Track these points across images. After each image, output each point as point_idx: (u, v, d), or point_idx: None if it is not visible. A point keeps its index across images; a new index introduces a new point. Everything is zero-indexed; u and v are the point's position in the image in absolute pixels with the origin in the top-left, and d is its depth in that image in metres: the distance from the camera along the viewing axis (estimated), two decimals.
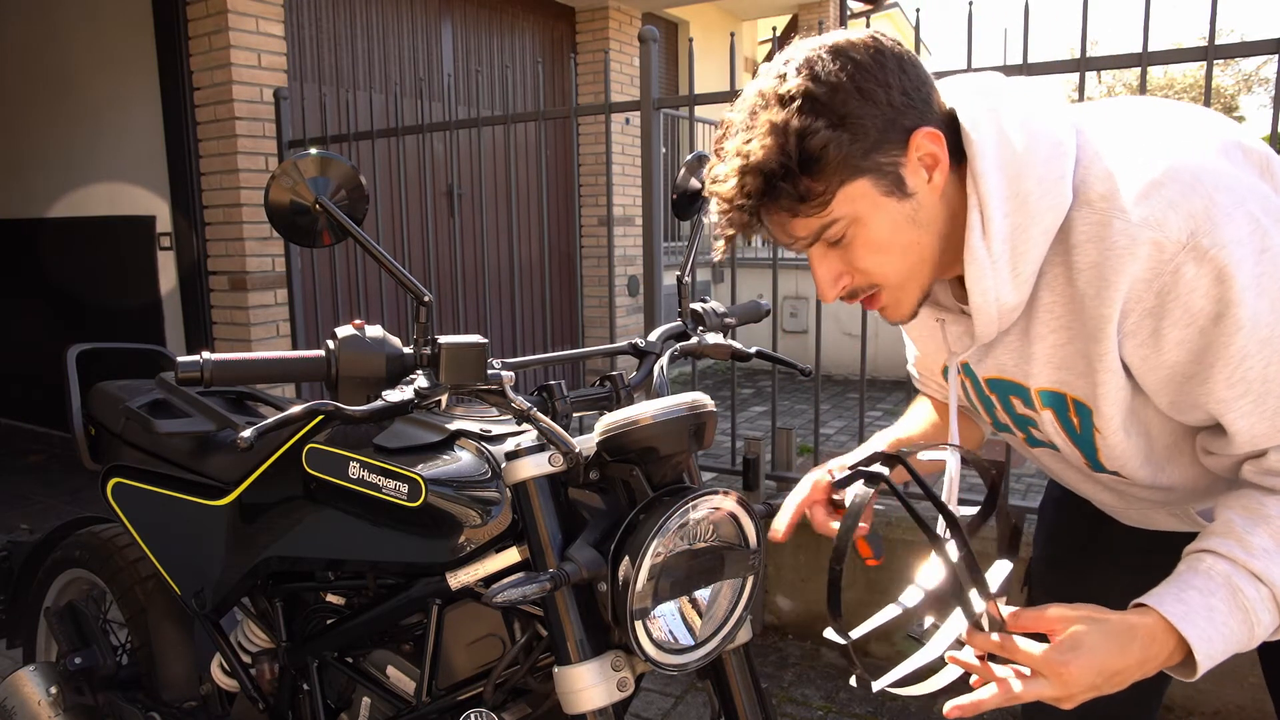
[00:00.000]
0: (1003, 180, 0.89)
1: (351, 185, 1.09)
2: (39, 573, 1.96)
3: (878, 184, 0.88)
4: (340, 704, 1.38)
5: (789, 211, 0.88)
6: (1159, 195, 0.83)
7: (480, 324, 3.65)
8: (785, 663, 2.67)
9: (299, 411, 0.98)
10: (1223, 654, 0.83)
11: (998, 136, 0.89)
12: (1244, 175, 0.85)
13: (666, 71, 7.76)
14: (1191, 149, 0.86)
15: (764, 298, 1.65)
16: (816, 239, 0.91)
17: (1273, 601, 0.83)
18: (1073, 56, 2.36)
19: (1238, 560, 0.84)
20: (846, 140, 0.84)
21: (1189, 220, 0.81)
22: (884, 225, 0.89)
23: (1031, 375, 1.00)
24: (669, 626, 1.02)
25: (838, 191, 0.86)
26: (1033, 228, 0.88)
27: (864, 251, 0.91)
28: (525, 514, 1.03)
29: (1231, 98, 23.60)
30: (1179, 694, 2.28)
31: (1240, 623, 0.83)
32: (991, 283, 0.91)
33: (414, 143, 4.09)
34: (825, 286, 0.95)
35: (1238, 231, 0.80)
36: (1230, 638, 0.83)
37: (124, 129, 4.55)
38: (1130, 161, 0.86)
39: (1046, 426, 1.04)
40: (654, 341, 1.36)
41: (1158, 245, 0.82)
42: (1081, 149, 0.90)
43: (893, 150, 0.87)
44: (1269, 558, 0.83)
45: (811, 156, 0.84)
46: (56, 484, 4.54)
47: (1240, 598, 0.83)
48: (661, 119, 3.08)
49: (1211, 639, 0.82)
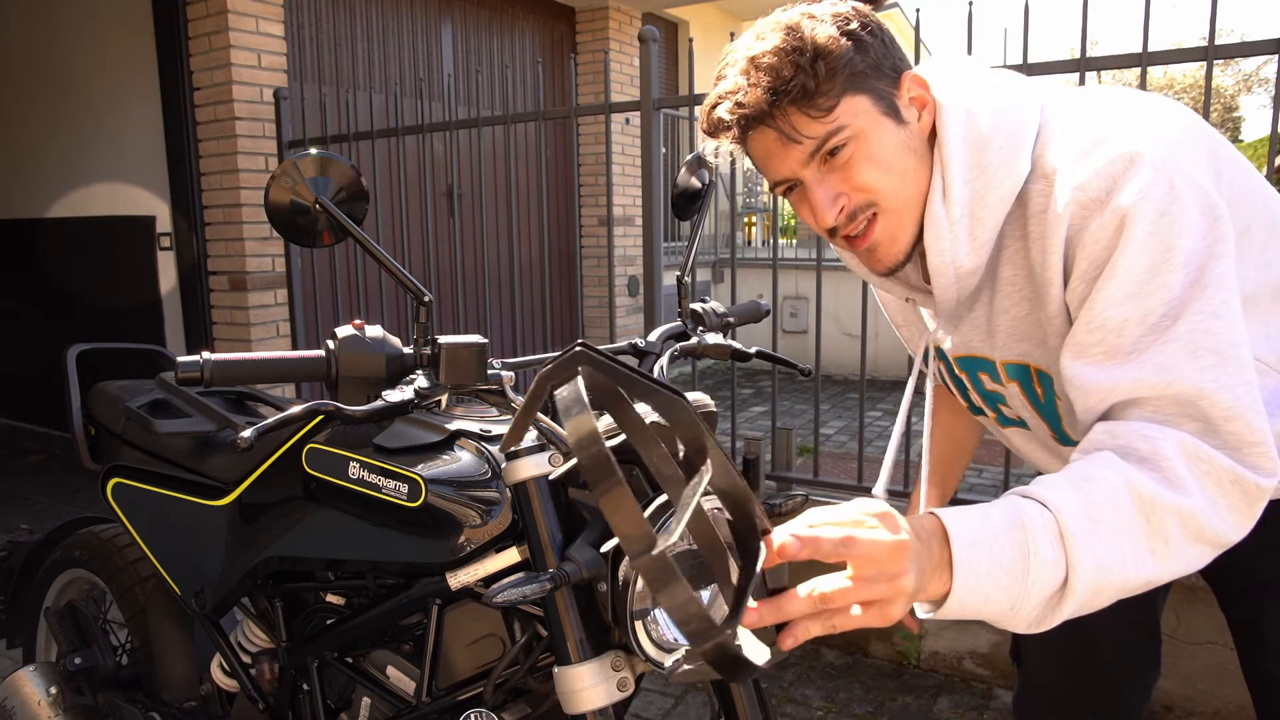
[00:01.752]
0: (966, 151, 0.93)
1: (351, 185, 1.09)
2: (39, 573, 1.96)
3: (877, 103, 0.92)
4: (340, 704, 1.38)
5: (798, 103, 0.90)
6: (1086, 162, 0.86)
7: (480, 324, 3.65)
8: (785, 663, 2.67)
9: (299, 411, 0.98)
10: (987, 570, 0.72)
11: (966, 114, 0.94)
12: (1183, 153, 0.85)
13: (666, 71, 7.76)
14: (1138, 123, 0.88)
15: (764, 298, 1.65)
16: (819, 148, 0.92)
17: (1056, 532, 0.74)
18: (1073, 56, 2.36)
19: (1026, 492, 0.78)
20: (851, 49, 0.90)
21: (1108, 180, 0.84)
22: (885, 142, 0.93)
23: (997, 348, 1.03)
24: (669, 626, 1.02)
25: (842, 98, 0.90)
26: (990, 194, 0.93)
27: (865, 165, 0.93)
28: (525, 514, 1.03)
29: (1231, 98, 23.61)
30: (1179, 694, 2.28)
31: (1015, 545, 0.73)
32: (949, 244, 0.95)
33: (414, 143, 4.09)
34: (823, 206, 0.95)
35: (1150, 190, 0.82)
36: (999, 554, 0.72)
37: (124, 129, 4.55)
38: (1075, 135, 0.90)
39: (1014, 400, 1.08)
40: (654, 341, 1.36)
41: (1080, 205, 0.85)
42: (1044, 128, 0.94)
43: (887, 81, 0.93)
44: (1056, 489, 0.77)
45: (822, 50, 0.88)
46: (56, 484, 4.54)
47: (1020, 514, 0.75)
48: (661, 119, 3.08)
49: (977, 543, 0.72)
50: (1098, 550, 0.74)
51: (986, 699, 2.44)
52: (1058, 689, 1.37)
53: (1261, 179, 0.98)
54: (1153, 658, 1.36)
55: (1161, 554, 0.77)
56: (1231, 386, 0.79)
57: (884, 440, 5.10)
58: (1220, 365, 0.80)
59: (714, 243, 7.65)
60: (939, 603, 0.74)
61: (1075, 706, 1.36)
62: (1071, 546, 0.74)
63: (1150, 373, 0.81)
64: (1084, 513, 0.75)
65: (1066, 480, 0.78)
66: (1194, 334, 0.80)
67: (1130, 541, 0.76)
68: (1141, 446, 0.79)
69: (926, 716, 2.36)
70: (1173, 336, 0.81)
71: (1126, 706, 1.36)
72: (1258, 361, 0.90)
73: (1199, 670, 2.26)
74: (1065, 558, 0.74)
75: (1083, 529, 0.74)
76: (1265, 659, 1.10)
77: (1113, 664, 1.32)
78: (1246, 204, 0.92)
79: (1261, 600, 1.08)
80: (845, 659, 2.68)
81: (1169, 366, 0.80)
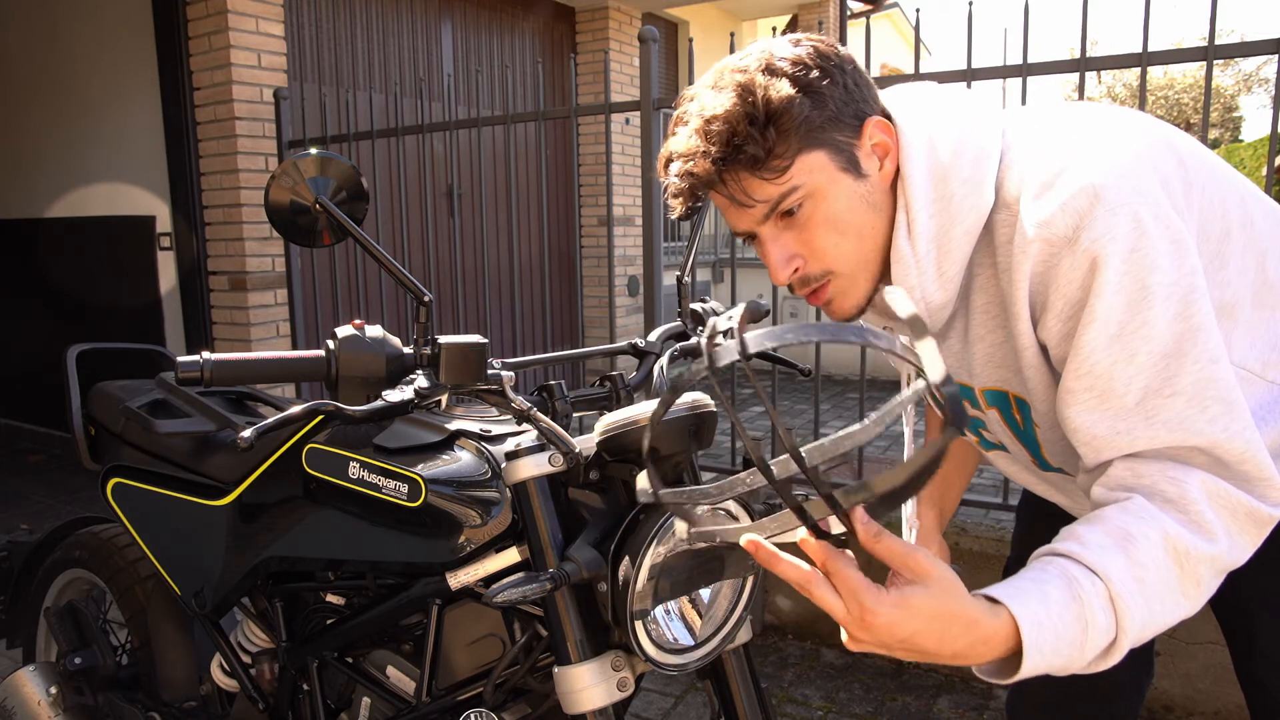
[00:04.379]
0: (929, 184, 0.92)
1: (351, 185, 1.09)
2: (39, 573, 1.96)
3: (834, 158, 0.90)
4: (340, 704, 1.38)
5: (749, 168, 0.89)
6: (1049, 195, 0.86)
7: (480, 324, 3.65)
8: (785, 663, 2.67)
9: (299, 411, 0.98)
10: (1052, 650, 0.76)
11: (927, 144, 0.93)
12: (1145, 182, 0.85)
13: (666, 71, 7.76)
14: (1096, 152, 0.87)
15: (764, 298, 1.65)
16: (773, 210, 0.91)
17: (1108, 600, 0.78)
18: (1073, 56, 2.36)
19: (1073, 554, 0.81)
20: (808, 105, 0.88)
21: (1074, 217, 0.83)
22: (840, 201, 0.91)
23: (975, 375, 1.03)
24: (669, 626, 1.02)
25: (796, 158, 0.88)
26: (955, 228, 0.92)
27: (821, 229, 0.92)
28: (525, 514, 1.03)
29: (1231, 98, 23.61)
30: (1179, 694, 2.28)
31: (1075, 617, 0.77)
32: (916, 281, 0.94)
33: (414, 143, 4.09)
34: (778, 267, 0.95)
35: (1116, 228, 0.82)
36: (1062, 632, 0.76)
37: (124, 129, 4.55)
38: (1036, 165, 0.89)
39: (994, 426, 1.08)
40: (654, 341, 1.36)
41: (1047, 242, 0.85)
42: (1005, 154, 0.93)
43: (848, 131, 0.91)
44: (1103, 552, 0.80)
45: (775, 112, 0.87)
46: (56, 484, 4.54)
47: (1076, 588, 0.78)
48: (661, 119, 3.07)
49: (1042, 624, 0.75)
50: (1144, 609, 0.79)
51: (986, 699, 2.44)
52: (1052, 691, 1.37)
53: (1236, 180, 0.97)
54: (1146, 660, 1.36)
55: (1193, 595, 0.83)
56: (1240, 431, 0.83)
57: (884, 440, 5.10)
58: (1228, 413, 0.83)
59: (714, 243, 7.65)
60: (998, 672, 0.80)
61: (1069, 709, 1.36)
62: (1122, 610, 0.78)
63: (1164, 431, 0.84)
64: (1131, 575, 0.79)
65: (1111, 542, 0.81)
66: (1197, 385, 0.83)
67: (1169, 591, 0.81)
68: (1168, 489, 0.83)
69: (926, 716, 2.36)
70: (1178, 390, 0.83)
71: (1120, 709, 1.36)
72: (1241, 369, 0.90)
73: (1199, 670, 2.26)
74: (1115, 622, 0.79)
75: (1131, 592, 0.79)
76: (1257, 666, 1.10)
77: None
78: (1221, 209, 0.92)
79: (1251, 608, 1.08)
80: (845, 659, 2.68)
81: (1180, 422, 0.83)
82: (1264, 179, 5.19)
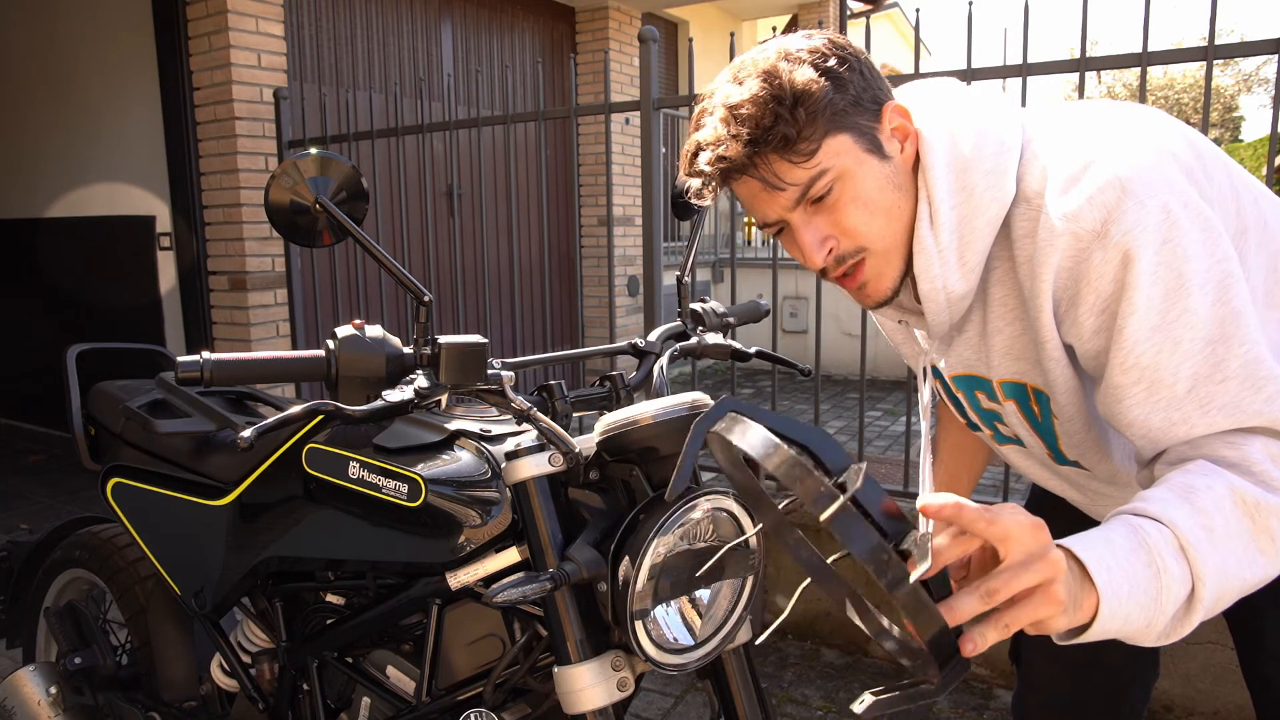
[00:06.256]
0: (950, 175, 0.93)
1: (351, 185, 1.09)
2: (39, 573, 1.96)
3: (859, 141, 0.91)
4: (340, 704, 1.38)
5: (780, 149, 0.89)
6: (1076, 189, 0.86)
7: (480, 324, 3.65)
8: (785, 663, 2.67)
9: (299, 411, 0.98)
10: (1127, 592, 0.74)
11: (949, 136, 0.94)
12: (1171, 173, 0.85)
13: (666, 71, 7.76)
14: (1120, 145, 0.87)
15: (764, 298, 1.65)
16: (804, 195, 0.92)
17: (1177, 547, 0.76)
18: (1073, 56, 2.36)
19: (1134, 510, 0.80)
20: (831, 89, 0.89)
21: (1102, 211, 0.84)
22: (869, 181, 0.92)
23: (993, 367, 1.03)
24: (669, 626, 1.02)
25: (824, 140, 0.89)
26: (977, 219, 0.92)
27: (851, 208, 0.93)
28: (525, 514, 1.03)
29: (1231, 98, 23.61)
30: (1179, 694, 2.28)
31: (1145, 564, 0.75)
32: (939, 271, 0.95)
33: (414, 143, 4.09)
34: (812, 249, 0.95)
35: (1146, 220, 0.82)
36: (1134, 576, 0.74)
37: (124, 129, 4.55)
38: (1059, 159, 0.90)
39: (1010, 418, 1.08)
40: (654, 341, 1.36)
41: (1075, 236, 0.85)
42: (1025, 148, 0.94)
43: (869, 115, 0.92)
44: (1165, 503, 0.78)
45: (801, 94, 0.88)
46: (56, 484, 4.54)
47: (1141, 534, 0.76)
48: (661, 119, 3.08)
49: (1111, 567, 0.74)
50: (1216, 557, 0.77)
51: (986, 699, 2.44)
52: (1058, 690, 1.37)
53: (1247, 179, 0.98)
54: (1152, 658, 1.36)
55: (1270, 552, 0.80)
56: None
57: (884, 440, 5.10)
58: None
59: (714, 243, 7.65)
60: (1079, 630, 0.76)
61: (1076, 708, 1.36)
62: (1194, 558, 0.76)
63: (1221, 417, 0.83)
64: (1198, 523, 0.77)
65: (1172, 494, 0.80)
66: (1246, 366, 0.82)
67: (1241, 544, 0.79)
68: (1229, 454, 0.83)
69: (926, 716, 2.36)
70: (1229, 375, 0.82)
71: (1126, 707, 1.36)
72: None
73: (1199, 670, 2.26)
74: (1190, 569, 0.77)
75: (1200, 539, 0.77)
76: (1264, 663, 1.10)
77: (1113, 665, 1.32)
78: (1235, 207, 0.92)
79: (1261, 604, 1.08)
80: (845, 659, 2.68)
81: (1236, 406, 0.82)
82: (1264, 179, 5.20)
